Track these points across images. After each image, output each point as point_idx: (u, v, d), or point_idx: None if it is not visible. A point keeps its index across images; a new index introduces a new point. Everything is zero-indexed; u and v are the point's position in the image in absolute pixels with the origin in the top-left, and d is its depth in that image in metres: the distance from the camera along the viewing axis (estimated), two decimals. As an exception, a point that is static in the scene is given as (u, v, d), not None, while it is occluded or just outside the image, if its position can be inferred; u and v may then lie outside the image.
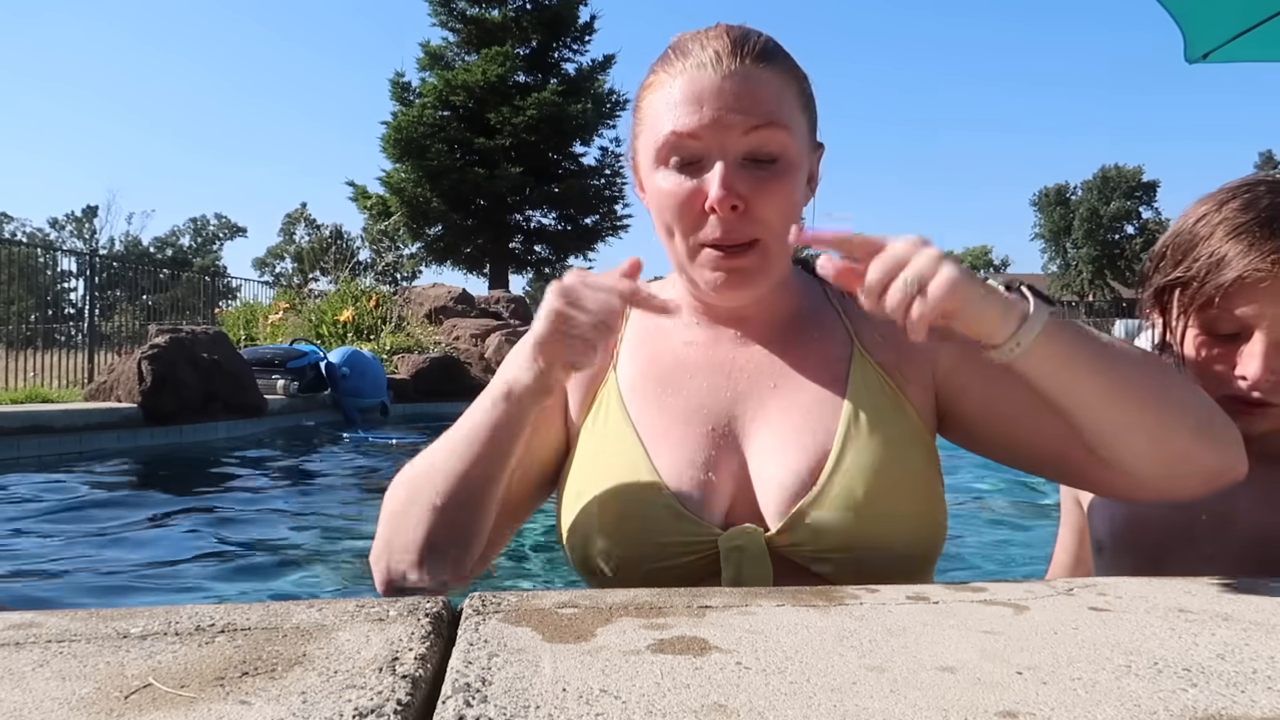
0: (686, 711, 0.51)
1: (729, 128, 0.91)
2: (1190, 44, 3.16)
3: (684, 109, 0.92)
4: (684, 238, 0.95)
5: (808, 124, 0.98)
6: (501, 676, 0.56)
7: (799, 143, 0.95)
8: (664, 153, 0.94)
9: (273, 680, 0.56)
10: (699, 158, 0.93)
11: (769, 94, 0.93)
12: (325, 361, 8.27)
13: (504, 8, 23.11)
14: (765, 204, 0.92)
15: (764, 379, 1.02)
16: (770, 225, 0.93)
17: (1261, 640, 0.65)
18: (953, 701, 0.53)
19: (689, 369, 1.03)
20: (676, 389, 1.01)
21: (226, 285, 15.67)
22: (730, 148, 0.92)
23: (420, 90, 23.18)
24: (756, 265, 0.95)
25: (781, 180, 0.93)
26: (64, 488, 4.77)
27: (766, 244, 0.94)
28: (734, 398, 1.01)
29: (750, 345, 1.04)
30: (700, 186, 0.92)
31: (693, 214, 0.93)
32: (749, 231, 0.93)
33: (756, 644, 0.62)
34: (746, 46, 0.94)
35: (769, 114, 0.92)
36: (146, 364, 6.45)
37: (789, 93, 0.95)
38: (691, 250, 0.96)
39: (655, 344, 1.06)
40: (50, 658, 0.60)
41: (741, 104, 0.91)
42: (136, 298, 14.04)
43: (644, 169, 0.99)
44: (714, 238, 0.93)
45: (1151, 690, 0.55)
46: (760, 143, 0.92)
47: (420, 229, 23.26)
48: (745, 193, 0.91)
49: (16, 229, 64.58)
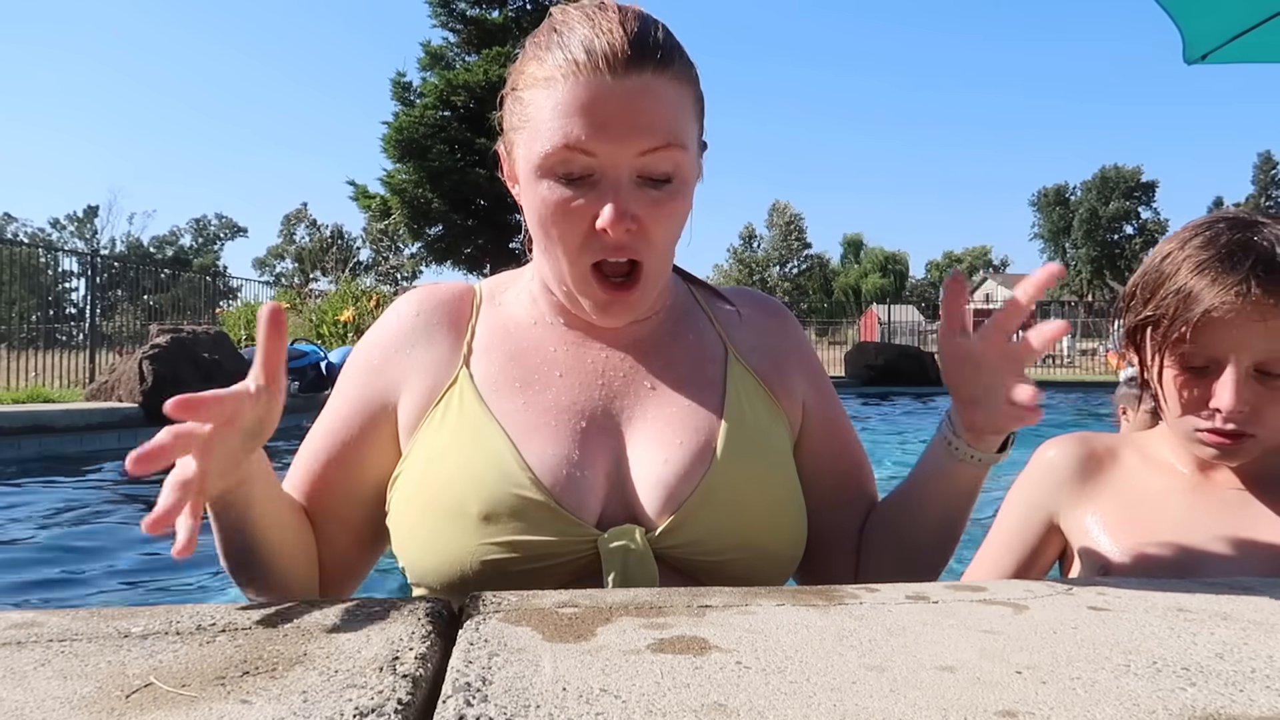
0: (686, 711, 0.51)
1: (627, 146, 0.86)
2: (1189, 45, 3.16)
3: (578, 120, 0.85)
4: (567, 254, 0.90)
5: (699, 129, 0.94)
6: (502, 676, 0.56)
7: (693, 157, 0.91)
8: (549, 163, 0.87)
9: (273, 679, 0.56)
10: (589, 172, 0.87)
11: (669, 110, 0.87)
12: (326, 361, 8.28)
13: (504, 9, 23.12)
14: (655, 225, 0.89)
15: (639, 379, 0.98)
16: (655, 245, 0.91)
17: (1260, 639, 0.66)
18: (952, 701, 0.53)
19: (557, 366, 0.98)
20: (544, 386, 0.96)
21: (227, 285, 15.68)
22: (624, 166, 0.86)
23: (421, 90, 23.19)
24: (641, 294, 0.93)
25: (674, 200, 0.89)
26: (65, 487, 4.77)
27: (647, 267, 0.91)
28: (608, 396, 0.97)
29: (620, 345, 1.00)
30: (589, 205, 0.87)
31: (580, 232, 0.88)
32: (635, 251, 0.90)
33: (756, 643, 0.63)
34: (646, 50, 0.86)
35: (667, 133, 0.87)
36: (147, 364, 6.45)
37: (686, 103, 0.90)
38: (575, 269, 0.91)
39: (515, 342, 1.00)
40: (51, 657, 0.60)
41: (640, 121, 0.86)
42: (137, 298, 14.04)
43: (522, 170, 0.91)
44: (601, 257, 0.90)
45: (1150, 689, 0.55)
46: (656, 163, 0.87)
47: (421, 229, 23.26)
48: (639, 214, 0.87)
49: (18, 229, 64.63)
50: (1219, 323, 0.98)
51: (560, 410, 0.94)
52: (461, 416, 0.93)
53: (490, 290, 1.06)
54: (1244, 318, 0.97)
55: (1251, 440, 1.01)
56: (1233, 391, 0.99)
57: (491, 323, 1.02)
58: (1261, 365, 0.98)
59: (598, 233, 0.87)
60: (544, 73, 0.87)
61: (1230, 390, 0.99)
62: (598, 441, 0.93)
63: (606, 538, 0.88)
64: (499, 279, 1.09)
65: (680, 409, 0.97)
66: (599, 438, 0.94)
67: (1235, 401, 0.99)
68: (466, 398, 0.94)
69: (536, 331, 1.01)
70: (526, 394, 0.95)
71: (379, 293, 11.97)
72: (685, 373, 1.00)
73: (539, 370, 0.97)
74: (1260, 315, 0.97)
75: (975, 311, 6.51)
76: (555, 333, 1.00)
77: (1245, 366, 0.99)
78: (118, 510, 4.29)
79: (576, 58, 0.85)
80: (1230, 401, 0.99)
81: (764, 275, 75.17)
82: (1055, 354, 29.46)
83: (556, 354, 0.99)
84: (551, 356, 0.99)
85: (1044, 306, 41.12)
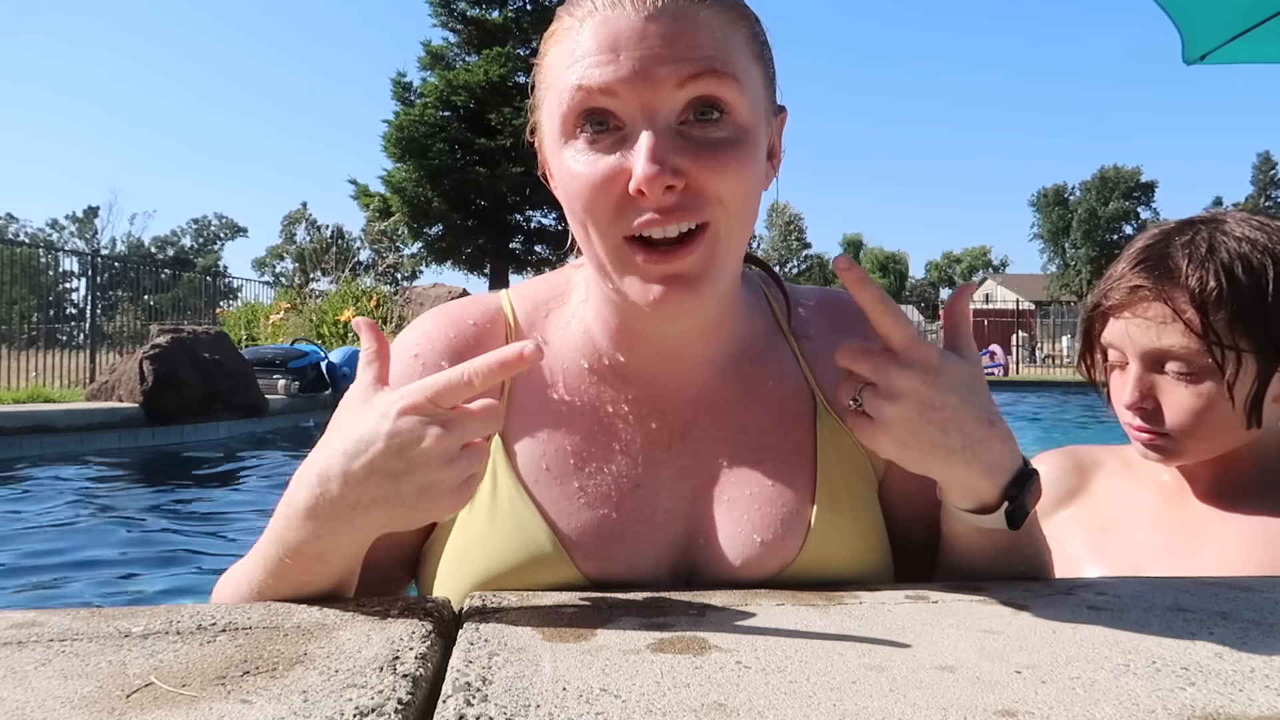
0: (686, 710, 0.51)
1: (657, 81, 0.68)
2: (1188, 45, 3.16)
3: (595, 60, 0.69)
4: (603, 235, 0.72)
5: (763, 77, 0.76)
6: (502, 675, 0.56)
7: (753, 100, 0.73)
8: (570, 121, 0.71)
9: (274, 679, 0.56)
10: (619, 124, 0.70)
11: (708, 34, 0.70)
12: (326, 361, 8.29)
13: (504, 9, 23.13)
14: (712, 177, 0.70)
15: (712, 451, 0.82)
16: (724, 204, 0.71)
17: (1259, 639, 0.66)
18: (952, 700, 0.53)
19: (615, 436, 0.81)
20: (598, 463, 0.79)
21: (228, 285, 15.69)
22: (660, 108, 0.69)
23: (421, 90, 23.19)
24: (703, 266, 0.72)
25: (735, 147, 0.71)
26: (65, 487, 4.77)
27: (716, 233, 0.72)
28: (675, 475, 0.81)
29: (690, 399, 0.83)
30: (621, 162, 0.70)
31: (612, 202, 0.70)
32: (695, 213, 0.70)
33: (756, 643, 0.63)
34: None
35: (709, 59, 0.69)
36: (148, 364, 6.46)
37: (736, 35, 0.72)
38: (614, 251, 0.72)
39: (562, 399, 0.82)
40: (52, 656, 0.60)
41: (673, 48, 0.68)
42: (138, 298, 14.04)
43: (549, 148, 0.76)
44: (642, 225, 0.70)
45: (1150, 689, 0.55)
46: (700, 96, 0.70)
47: (421, 229, 23.27)
48: (684, 165, 0.69)
49: (19, 229, 64.65)
50: (1114, 319, 1.01)
51: (620, 497, 0.79)
52: (495, 504, 0.78)
53: (529, 316, 0.86)
54: (1131, 312, 0.99)
55: (1169, 439, 1.00)
56: (1133, 387, 1.00)
57: (529, 373, 0.81)
58: (1155, 357, 0.99)
59: (636, 197, 0.69)
60: (561, 25, 0.74)
61: (1130, 386, 1.01)
62: (664, 536, 0.79)
63: None
64: (536, 295, 0.88)
65: (763, 491, 0.80)
66: (666, 530, 0.79)
67: (1130, 395, 1.00)
68: (501, 482, 0.79)
69: (588, 383, 0.82)
70: (578, 477, 0.79)
71: (379, 293, 11.97)
72: (768, 439, 0.82)
73: (592, 441, 0.81)
74: (1144, 309, 0.98)
75: (975, 311, 6.49)
76: (612, 386, 0.82)
77: (1139, 360, 1.00)
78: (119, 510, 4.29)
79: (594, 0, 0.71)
80: (1130, 397, 1.00)
81: (764, 275, 75.03)
82: (1055, 354, 29.47)
83: (614, 417, 0.82)
84: (608, 421, 0.82)
85: (1044, 307, 41.11)
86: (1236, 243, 0.96)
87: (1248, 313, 0.94)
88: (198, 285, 15.65)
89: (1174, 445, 1.00)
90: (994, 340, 27.64)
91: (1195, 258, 0.96)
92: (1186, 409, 0.98)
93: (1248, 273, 0.94)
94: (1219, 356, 0.95)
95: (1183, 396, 0.98)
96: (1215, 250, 0.96)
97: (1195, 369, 0.96)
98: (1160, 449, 1.01)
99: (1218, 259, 0.95)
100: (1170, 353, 0.97)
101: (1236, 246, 0.96)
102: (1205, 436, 0.99)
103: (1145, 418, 1.00)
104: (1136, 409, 1.01)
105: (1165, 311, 0.97)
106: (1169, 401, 0.99)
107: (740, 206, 0.73)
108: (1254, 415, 0.97)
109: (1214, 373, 0.96)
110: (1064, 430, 9.51)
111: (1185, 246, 0.98)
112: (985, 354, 24.64)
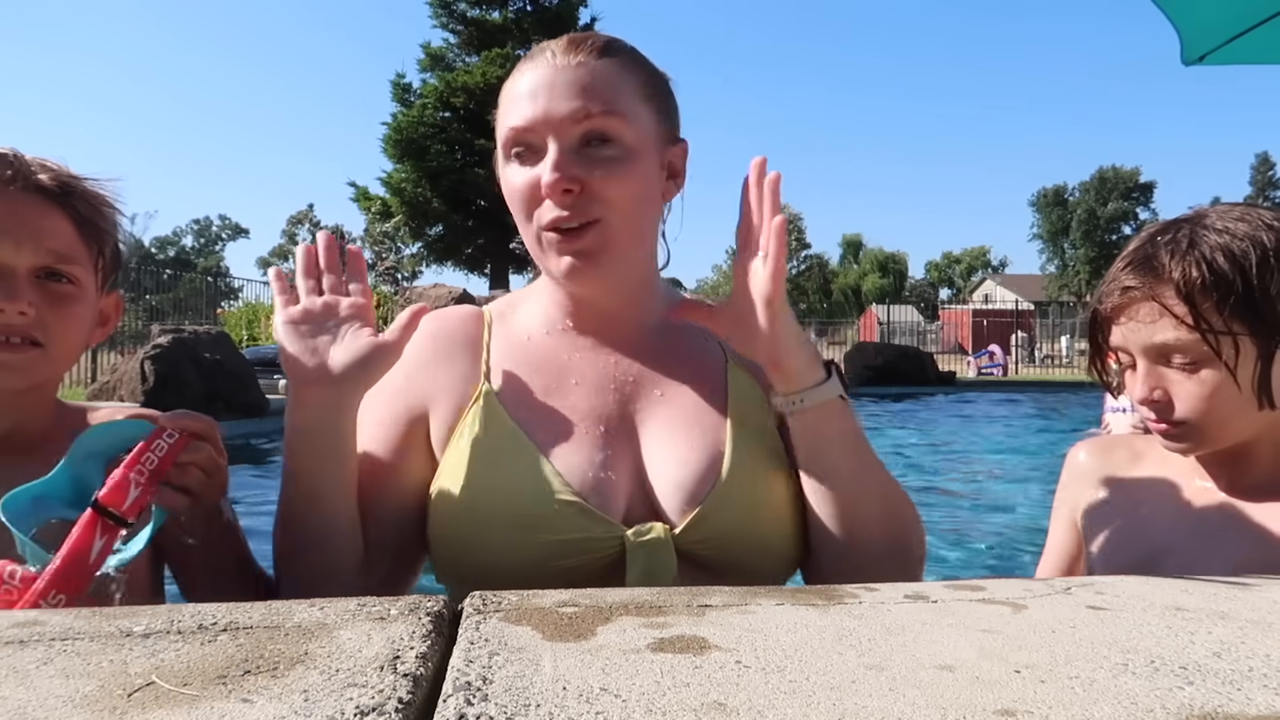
0: (686, 710, 0.51)
1: (560, 117, 0.94)
2: (1187, 46, 3.16)
3: (522, 103, 0.96)
4: (529, 225, 0.98)
5: (654, 115, 1.00)
6: (502, 675, 0.56)
7: (637, 130, 0.97)
8: (506, 147, 0.98)
9: (275, 678, 0.56)
10: (537, 148, 0.96)
11: (602, 84, 0.96)
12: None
13: (504, 10, 23.13)
14: (601, 185, 0.94)
15: (648, 384, 1.04)
16: (611, 205, 0.95)
17: (1258, 638, 0.66)
18: (951, 700, 0.53)
19: (572, 374, 1.04)
20: (563, 394, 1.02)
21: (229, 286, 15.71)
22: (564, 135, 0.94)
23: (421, 91, 23.20)
24: (597, 246, 0.96)
25: (619, 163, 0.96)
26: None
27: (606, 223, 0.96)
28: (621, 401, 1.03)
29: (628, 353, 1.06)
30: (538, 173, 0.95)
31: (533, 201, 0.96)
32: (588, 212, 0.95)
33: (756, 643, 0.63)
34: (585, 44, 0.98)
35: (603, 102, 0.95)
36: (149, 364, 6.46)
37: (626, 83, 0.98)
38: (537, 237, 0.98)
39: (530, 353, 1.06)
40: (54, 655, 0.60)
41: (572, 93, 0.94)
42: (139, 298, 14.04)
43: (499, 163, 1.02)
44: (551, 220, 0.95)
45: (1148, 688, 0.55)
46: (592, 129, 0.95)
47: (421, 229, 23.28)
48: (580, 174, 0.94)
49: (17, 230, 64.41)
50: (1119, 321, 1.04)
51: (580, 416, 1.01)
52: (488, 428, 0.99)
53: (500, 310, 1.13)
54: (1126, 314, 1.03)
55: (1185, 427, 1.03)
56: (1142, 384, 1.04)
57: (505, 339, 1.08)
58: (1156, 353, 1.02)
59: (546, 197, 0.95)
60: (511, 76, 1.01)
61: (1140, 382, 1.04)
62: (617, 445, 1.00)
63: (632, 534, 0.94)
64: (507, 299, 1.16)
65: (688, 412, 1.02)
66: (617, 441, 1.00)
67: (1141, 392, 1.04)
68: (491, 410, 1.00)
69: (550, 341, 1.07)
70: (547, 403, 1.01)
71: (379, 293, 11.97)
72: (689, 378, 1.05)
73: (556, 379, 1.03)
74: (1137, 310, 1.02)
75: (974, 312, 6.48)
76: (567, 340, 1.06)
77: (1143, 357, 1.03)
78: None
79: (528, 61, 0.99)
80: (1141, 393, 1.04)
81: (764, 276, 74.89)
82: (1054, 354, 29.47)
83: (570, 362, 1.05)
84: (566, 365, 1.05)
85: (1043, 307, 41.13)
86: (1217, 234, 0.99)
87: (1235, 297, 0.96)
88: (199, 285, 15.65)
89: (1191, 433, 1.03)
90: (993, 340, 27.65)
91: (1177, 252, 0.99)
92: (1195, 397, 1.01)
93: (1229, 259, 0.97)
94: (1214, 343, 0.97)
95: (1189, 386, 1.01)
96: (1196, 243, 0.99)
97: (1195, 358, 0.99)
98: (1178, 438, 1.05)
99: (1198, 250, 0.98)
100: (1169, 346, 1.00)
101: (1217, 237, 0.99)
102: (1218, 422, 1.02)
103: (1159, 411, 1.04)
104: (1149, 403, 1.04)
105: (1155, 308, 1.00)
106: (1177, 392, 1.02)
107: (627, 206, 0.97)
108: (1264, 395, 0.99)
109: (1214, 360, 0.98)
110: (1063, 430, 9.51)
111: (1169, 244, 1.01)
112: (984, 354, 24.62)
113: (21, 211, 0.97)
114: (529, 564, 0.93)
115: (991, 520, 4.77)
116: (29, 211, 0.97)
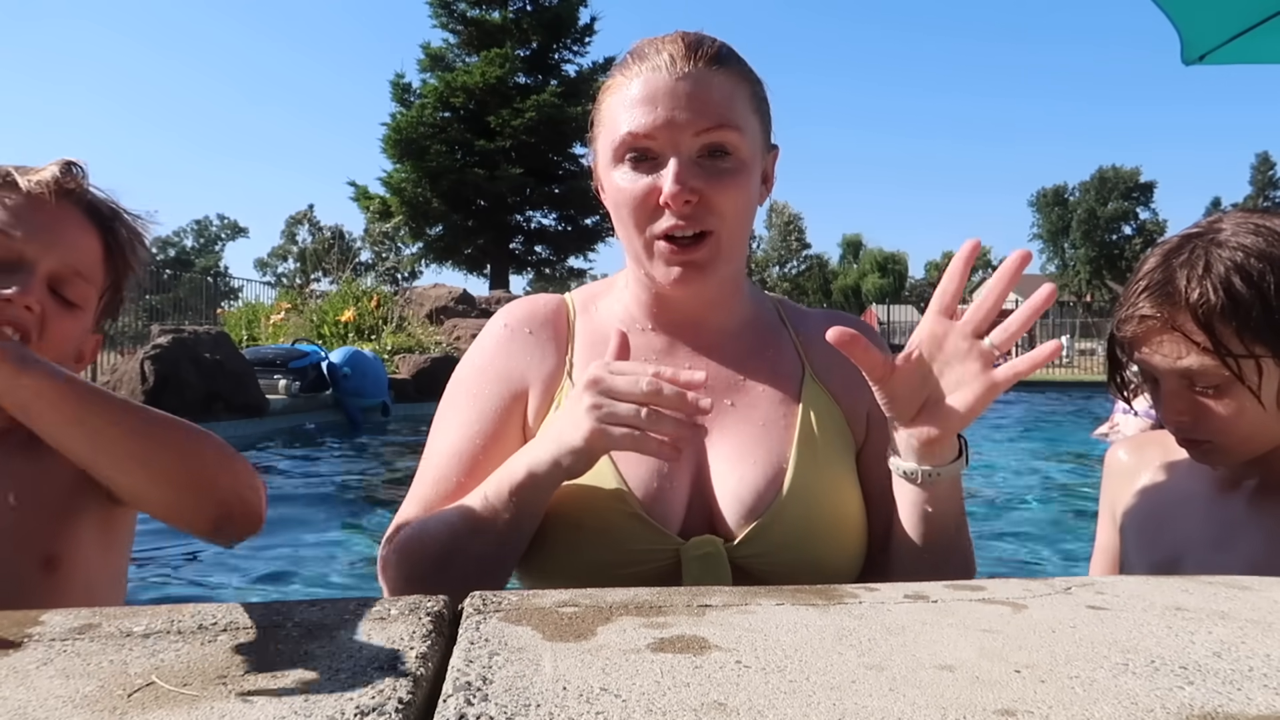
0: (686, 710, 0.51)
1: (682, 127, 0.95)
2: (1187, 46, 3.17)
3: (640, 109, 0.96)
4: (640, 232, 0.99)
5: (760, 125, 1.02)
6: (502, 675, 0.56)
7: (751, 143, 0.99)
8: (620, 151, 0.98)
9: (275, 679, 0.56)
10: (654, 155, 0.97)
11: (721, 96, 0.97)
12: (327, 361, 8.27)
13: (504, 9, 23.12)
14: (718, 196, 0.96)
15: (720, 393, 1.04)
16: (724, 217, 0.97)
17: (1258, 638, 0.66)
18: (951, 700, 0.53)
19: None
20: None
21: (229, 285, 15.71)
22: (684, 146, 0.95)
23: (421, 91, 23.19)
24: (709, 257, 0.98)
25: (735, 175, 0.97)
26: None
27: (719, 236, 0.98)
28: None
29: (706, 356, 1.06)
30: (655, 182, 0.96)
31: (648, 209, 0.97)
32: (703, 223, 0.97)
33: (756, 642, 0.63)
34: (700, 50, 0.98)
35: (720, 115, 0.96)
36: (149, 364, 6.46)
37: (740, 95, 0.99)
38: (647, 244, 0.99)
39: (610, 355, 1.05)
40: (54, 656, 0.60)
41: (694, 105, 0.95)
42: (139, 298, 14.04)
43: (602, 168, 1.02)
44: (666, 229, 0.96)
45: (1149, 688, 0.55)
46: (712, 142, 0.96)
47: (421, 229, 23.27)
48: (699, 186, 0.95)
49: (18, 230, 64.46)
50: (1143, 343, 1.04)
51: None
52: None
53: (583, 301, 1.14)
54: (1146, 343, 1.03)
55: (1213, 446, 1.04)
56: (1167, 404, 1.04)
57: (588, 333, 1.09)
58: (1179, 378, 1.02)
59: (664, 208, 0.96)
60: (615, 84, 1.01)
61: (1162, 403, 1.05)
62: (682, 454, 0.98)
63: (689, 547, 0.96)
64: (590, 289, 1.17)
65: (756, 425, 1.03)
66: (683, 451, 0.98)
67: (1170, 413, 1.04)
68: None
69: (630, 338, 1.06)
70: None
71: (380, 293, 11.95)
72: (763, 390, 1.06)
73: None
74: (1157, 339, 1.02)
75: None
76: (645, 340, 1.07)
77: (1169, 380, 1.03)
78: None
79: (640, 65, 0.99)
80: (1164, 414, 1.05)
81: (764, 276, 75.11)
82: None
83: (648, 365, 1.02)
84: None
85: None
86: (1231, 253, 0.98)
87: (1254, 320, 0.96)
88: (199, 285, 15.66)
89: (1217, 451, 1.04)
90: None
91: (1193, 277, 0.99)
92: (1221, 419, 1.01)
93: (1246, 281, 0.96)
94: (1236, 368, 0.97)
95: (1215, 409, 1.01)
96: (1211, 266, 0.98)
97: (1219, 382, 0.99)
98: (1206, 455, 1.06)
99: (1214, 274, 0.97)
100: (1192, 373, 1.00)
101: (1231, 257, 0.98)
102: (1245, 439, 1.03)
103: (1185, 431, 1.04)
104: (1175, 424, 1.05)
105: (1176, 337, 1.00)
106: (1203, 414, 1.02)
107: (736, 218, 0.99)
108: None
109: (1237, 382, 0.98)
110: (1063, 430, 9.51)
111: (1183, 267, 1.00)
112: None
113: (64, 219, 1.01)
114: (588, 568, 0.95)
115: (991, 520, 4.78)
116: (70, 222, 1.01)
